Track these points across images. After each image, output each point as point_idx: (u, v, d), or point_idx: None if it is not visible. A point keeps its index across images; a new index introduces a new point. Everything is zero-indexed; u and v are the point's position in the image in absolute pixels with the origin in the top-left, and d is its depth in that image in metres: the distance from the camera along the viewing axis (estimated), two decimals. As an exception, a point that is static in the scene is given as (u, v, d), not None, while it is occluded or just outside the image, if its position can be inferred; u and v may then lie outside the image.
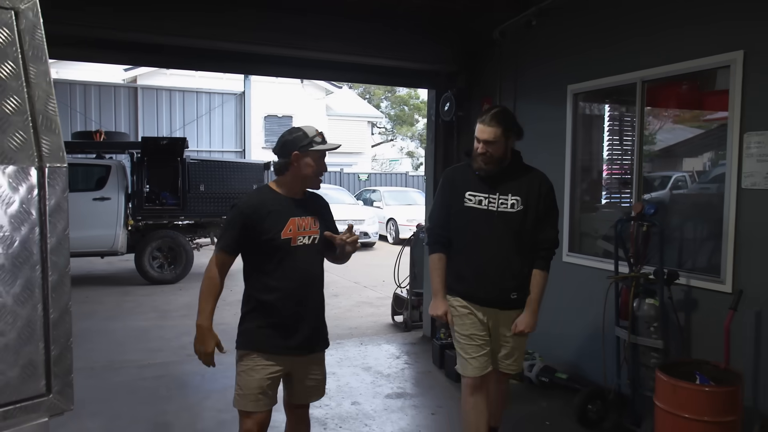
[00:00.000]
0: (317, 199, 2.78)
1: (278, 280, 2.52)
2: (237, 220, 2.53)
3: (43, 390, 1.45)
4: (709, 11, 3.57)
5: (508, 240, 2.93)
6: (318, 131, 2.61)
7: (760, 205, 3.32)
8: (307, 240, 2.58)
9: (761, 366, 3.33)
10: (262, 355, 2.54)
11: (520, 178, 2.98)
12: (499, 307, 3.00)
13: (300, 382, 2.67)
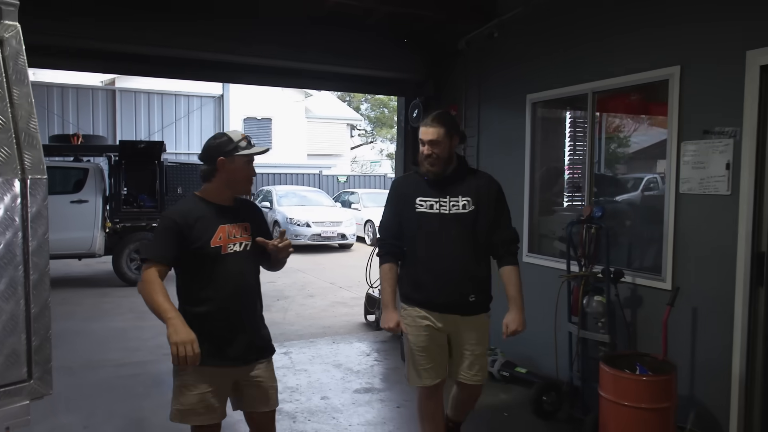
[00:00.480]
0: (248, 205, 2.72)
1: (210, 290, 2.43)
2: (166, 228, 2.44)
3: (25, 376, 1.63)
4: (651, 29, 3.85)
5: (464, 241, 2.91)
6: (244, 135, 2.55)
7: (695, 209, 3.60)
8: (238, 247, 2.50)
9: (697, 357, 3.61)
10: (199, 369, 2.38)
11: (468, 180, 2.99)
12: (459, 313, 2.94)
13: (247, 391, 2.56)
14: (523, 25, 4.93)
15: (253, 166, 2.57)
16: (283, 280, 9.89)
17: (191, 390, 2.42)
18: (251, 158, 2.54)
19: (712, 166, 3.47)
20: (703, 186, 3.53)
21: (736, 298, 3.35)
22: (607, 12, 4.18)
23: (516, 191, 5.01)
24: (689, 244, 3.64)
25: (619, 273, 3.86)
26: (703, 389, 3.58)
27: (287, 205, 15.08)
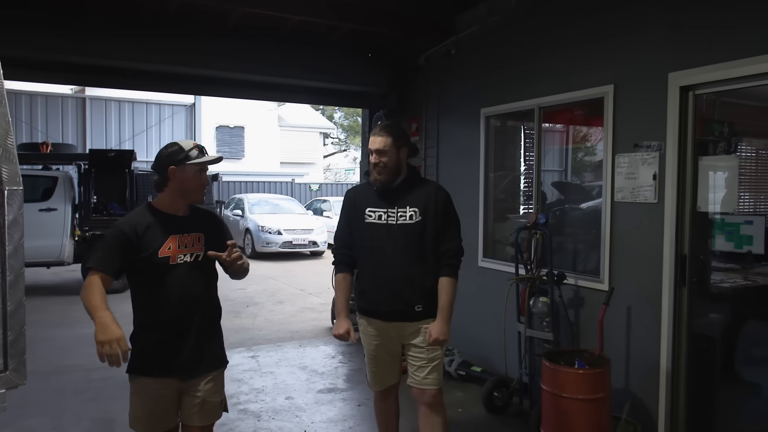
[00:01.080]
0: (205, 216, 2.69)
1: (157, 301, 2.44)
2: (114, 238, 2.43)
3: (1, 367, 1.82)
4: (589, 51, 4.18)
5: (410, 252, 2.95)
6: (195, 144, 2.54)
7: (628, 216, 3.92)
8: (188, 258, 2.49)
9: (631, 352, 3.92)
10: (147, 378, 2.44)
11: (416, 190, 3.03)
12: (405, 320, 3.00)
13: (190, 403, 2.54)
14: (477, 43, 5.24)
15: (205, 175, 2.56)
16: (254, 287, 10.04)
17: (139, 398, 2.45)
18: (203, 167, 2.53)
19: (641, 176, 3.79)
20: (634, 195, 3.85)
21: (663, 297, 3.67)
22: (550, 33, 4.51)
23: (471, 199, 5.30)
24: (623, 248, 3.96)
25: (562, 276, 4.16)
26: (637, 381, 3.89)
27: (259, 213, 15.20)
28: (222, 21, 5.26)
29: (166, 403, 2.49)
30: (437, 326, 2.94)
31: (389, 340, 3.07)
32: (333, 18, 5.04)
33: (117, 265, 2.40)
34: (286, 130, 24.20)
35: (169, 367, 2.45)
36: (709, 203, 3.57)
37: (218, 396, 2.64)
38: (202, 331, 2.54)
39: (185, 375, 2.50)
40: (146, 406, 2.45)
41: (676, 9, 3.58)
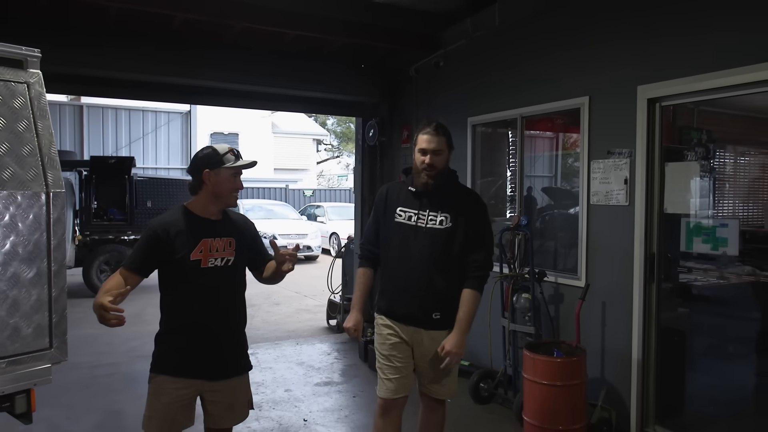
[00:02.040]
0: (239, 220, 2.70)
1: (188, 303, 2.45)
2: (148, 239, 2.44)
3: (47, 345, 2.11)
4: (566, 63, 4.50)
5: (434, 257, 2.83)
6: (230, 148, 2.55)
7: (602, 218, 4.24)
8: (219, 262, 2.48)
9: (606, 344, 4.23)
10: (170, 378, 2.43)
11: (452, 195, 2.92)
12: (421, 326, 2.89)
13: (214, 406, 2.55)
14: (464, 56, 5.57)
15: (239, 179, 2.56)
16: (250, 289, 10.06)
17: (157, 398, 2.43)
18: (238, 171, 2.53)
19: (614, 181, 4.12)
20: (608, 198, 4.18)
21: (634, 293, 3.99)
22: (530, 48, 4.84)
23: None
24: (598, 248, 4.28)
25: (543, 273, 4.47)
26: (611, 371, 4.19)
27: (254, 219, 15.22)
28: (221, 35, 5.56)
29: (184, 405, 2.46)
30: (452, 339, 2.80)
31: (404, 344, 2.92)
32: (327, 33, 5.36)
33: (145, 263, 2.41)
34: (280, 137, 24.50)
35: (194, 369, 2.44)
36: (674, 205, 3.90)
37: (245, 397, 2.65)
38: (228, 335, 2.55)
39: (210, 377, 2.49)
40: (163, 406, 2.43)
41: (643, 27, 3.92)
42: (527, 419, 3.94)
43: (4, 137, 2.04)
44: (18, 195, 2.03)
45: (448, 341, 2.80)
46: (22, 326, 2.02)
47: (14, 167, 2.04)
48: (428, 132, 2.86)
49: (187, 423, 2.50)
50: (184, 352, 2.45)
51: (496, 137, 5.76)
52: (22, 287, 2.02)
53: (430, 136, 2.85)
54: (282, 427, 4.25)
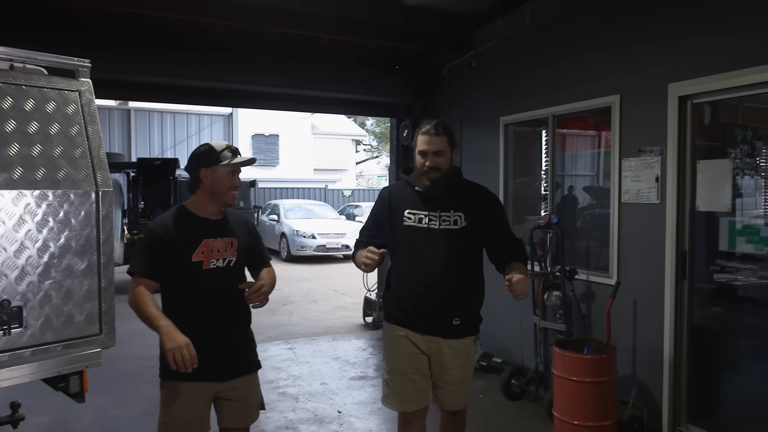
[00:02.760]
0: (239, 220, 2.64)
1: (189, 305, 2.42)
2: (148, 242, 2.43)
3: (97, 331, 2.30)
4: (597, 62, 4.51)
5: (453, 259, 2.67)
6: (227, 145, 2.48)
7: (633, 216, 4.23)
8: (221, 263, 2.45)
9: (637, 342, 4.22)
10: (180, 383, 2.39)
11: (461, 193, 2.76)
12: (441, 335, 2.72)
13: (227, 405, 2.55)
14: (496, 56, 5.61)
15: (237, 177, 2.48)
16: (289, 287, 10.56)
17: (171, 402, 2.42)
18: (235, 169, 2.46)
19: (645, 179, 4.11)
20: (639, 196, 4.16)
21: (665, 291, 3.97)
22: (561, 47, 4.85)
23: (492, 202, 5.65)
24: (629, 246, 4.27)
25: (573, 271, 4.49)
26: (643, 369, 4.18)
27: (294, 218, 15.76)
28: (258, 40, 5.77)
29: (199, 408, 2.45)
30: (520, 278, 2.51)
31: (418, 354, 2.74)
32: (360, 36, 5.49)
33: (158, 269, 2.41)
34: (319, 138, 24.84)
35: (203, 371, 2.37)
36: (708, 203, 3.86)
37: (255, 398, 2.63)
38: (234, 335, 2.53)
39: (218, 378, 2.47)
40: (177, 411, 2.41)
41: (673, 25, 3.90)
42: (557, 415, 3.98)
43: (58, 141, 2.24)
44: (71, 193, 2.22)
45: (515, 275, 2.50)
46: (75, 313, 2.22)
47: (68, 168, 2.23)
48: (428, 132, 2.66)
49: (206, 425, 2.48)
50: None
51: (529, 136, 5.77)
52: (75, 278, 2.22)
53: (430, 136, 2.65)
54: (317, 417, 4.40)
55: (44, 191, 2.17)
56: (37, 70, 2.31)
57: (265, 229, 16.25)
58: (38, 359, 2.14)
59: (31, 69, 2.29)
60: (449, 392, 2.79)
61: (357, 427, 4.25)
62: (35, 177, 2.15)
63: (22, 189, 2.12)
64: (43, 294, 2.14)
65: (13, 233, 2.08)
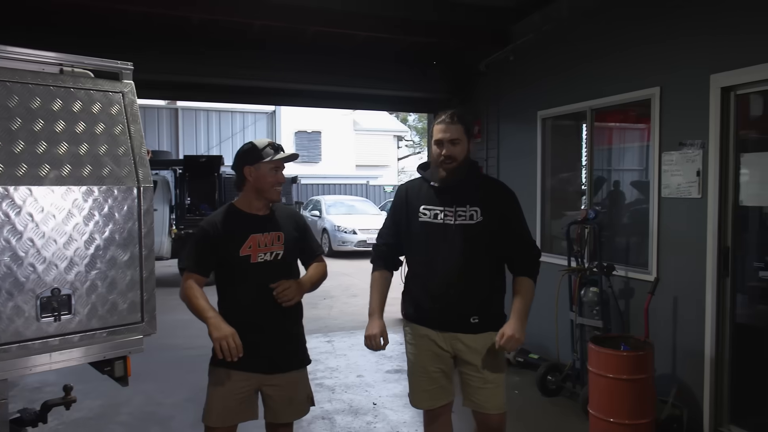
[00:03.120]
0: (286, 215, 2.68)
1: (237, 298, 2.51)
2: (198, 239, 2.53)
3: (139, 319, 2.43)
4: (636, 55, 4.41)
5: (467, 256, 2.60)
6: (270, 142, 2.54)
7: (673, 211, 4.13)
8: (269, 257, 2.51)
9: (677, 340, 4.13)
10: (227, 371, 2.46)
11: (478, 187, 2.69)
12: (459, 331, 2.65)
13: (272, 400, 2.57)
14: (533, 50, 5.56)
15: (281, 173, 2.54)
16: (330, 282, 10.53)
17: (217, 390, 2.50)
18: (278, 165, 2.52)
19: (686, 173, 4.00)
20: (679, 191, 4.07)
21: (707, 288, 3.87)
22: (599, 39, 4.77)
23: (529, 196, 5.61)
24: (669, 242, 4.17)
25: (611, 267, 4.42)
26: (683, 368, 4.09)
27: (335, 214, 15.95)
28: (295, 39, 5.88)
29: (243, 398, 2.50)
30: (512, 324, 2.54)
31: (440, 351, 2.68)
32: (396, 32, 5.53)
33: (207, 264, 2.52)
34: (361, 134, 25.00)
35: (250, 363, 2.44)
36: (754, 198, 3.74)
37: (305, 392, 2.67)
38: (283, 329, 2.57)
39: (264, 371, 2.52)
40: (223, 398, 2.48)
41: (715, 15, 3.78)
42: (592, 412, 3.94)
43: (103, 139, 2.38)
44: (115, 189, 2.36)
45: (507, 326, 2.53)
46: (119, 302, 2.35)
47: (112, 165, 2.37)
48: (443, 121, 2.62)
49: (247, 416, 2.54)
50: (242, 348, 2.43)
51: (568, 131, 5.69)
52: (119, 268, 2.35)
53: (445, 125, 2.61)
54: (352, 408, 4.49)
55: (90, 187, 2.30)
56: (84, 73, 2.45)
57: (307, 224, 16.52)
58: (85, 344, 2.28)
59: (78, 72, 2.43)
60: (480, 391, 2.65)
61: (391, 419, 4.31)
62: (82, 174, 2.29)
63: (70, 185, 2.26)
64: (90, 283, 2.28)
65: (62, 226, 2.23)
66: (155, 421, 4.26)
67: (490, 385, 2.65)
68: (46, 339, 2.18)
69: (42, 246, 2.17)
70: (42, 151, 2.21)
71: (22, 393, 4.65)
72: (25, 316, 2.13)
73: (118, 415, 4.34)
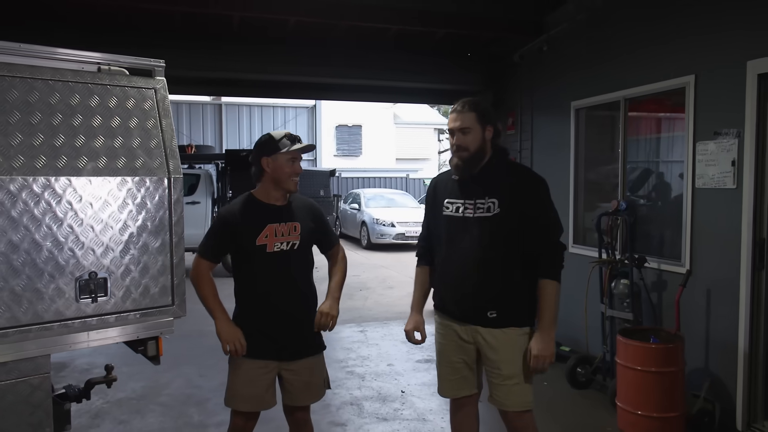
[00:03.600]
0: (305, 205, 2.76)
1: (255, 286, 2.61)
2: (217, 227, 2.68)
3: (170, 302, 2.57)
4: (670, 43, 4.32)
5: (484, 249, 2.54)
6: (287, 133, 2.60)
7: (708, 202, 4.04)
8: (285, 246, 2.59)
9: (711, 333, 4.05)
10: (245, 359, 2.58)
11: (501, 178, 2.60)
12: (479, 324, 2.60)
13: (290, 384, 2.67)
14: (567, 39, 5.49)
15: (298, 164, 2.61)
16: (367, 274, 10.85)
17: (237, 377, 2.62)
18: (295, 156, 2.58)
19: (720, 163, 3.91)
20: (714, 181, 3.97)
21: (741, 281, 3.78)
22: (634, 28, 4.68)
23: (563, 188, 5.57)
24: (703, 233, 4.09)
25: (642, 259, 4.35)
26: (716, 362, 4.01)
27: (374, 207, 16.06)
28: (328, 33, 5.99)
29: (263, 384, 2.60)
30: (536, 342, 2.50)
31: (463, 343, 2.67)
32: (428, 25, 5.56)
33: (218, 251, 2.67)
34: (401, 127, 25.03)
35: (267, 350, 2.56)
36: (790, 188, 3.63)
37: (321, 376, 2.75)
38: (298, 317, 2.64)
39: (281, 358, 2.62)
40: (244, 385, 2.58)
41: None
42: (620, 405, 3.92)
43: (137, 133, 2.53)
44: (147, 180, 2.50)
45: (533, 345, 2.50)
46: (150, 286, 2.50)
47: (144, 157, 2.51)
48: (455, 110, 2.58)
49: (271, 401, 2.65)
50: (256, 335, 2.58)
51: (602, 121, 5.61)
52: (151, 254, 2.50)
53: (456, 113, 2.57)
54: (381, 395, 4.59)
55: (124, 178, 2.45)
56: (120, 71, 2.60)
57: (346, 217, 16.70)
58: (120, 324, 2.44)
59: (115, 70, 2.59)
60: (499, 388, 2.60)
61: (418, 406, 4.38)
62: (117, 165, 2.44)
63: (106, 176, 2.42)
64: (124, 268, 2.43)
65: (99, 214, 2.39)
66: (193, 402, 4.46)
67: (509, 381, 2.57)
68: (85, 319, 2.35)
69: (80, 232, 2.34)
70: (80, 144, 2.37)
71: (71, 374, 4.94)
72: (65, 297, 2.30)
73: (159, 396, 4.57)
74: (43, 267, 2.24)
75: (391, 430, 3.98)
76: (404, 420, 4.14)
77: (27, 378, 2.23)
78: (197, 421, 4.13)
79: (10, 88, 2.25)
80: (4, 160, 2.18)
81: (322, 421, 4.04)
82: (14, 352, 2.19)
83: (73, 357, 5.29)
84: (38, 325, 2.24)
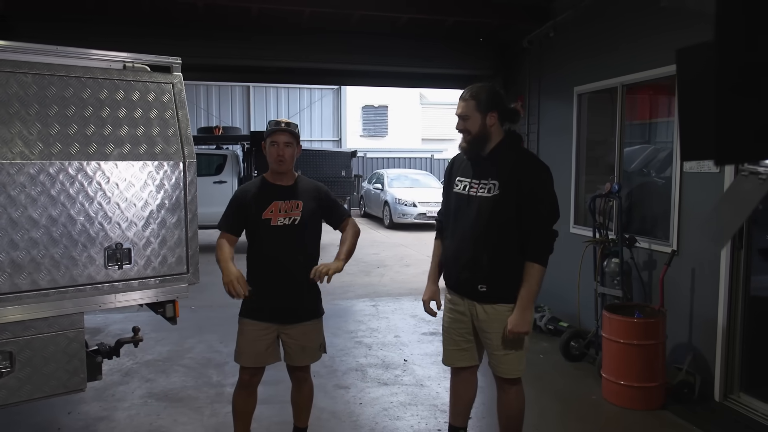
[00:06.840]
0: (310, 186, 3.07)
1: (260, 255, 2.94)
2: (232, 203, 3.01)
3: (185, 270, 2.96)
4: (668, 32, 4.48)
5: (480, 228, 2.73)
6: (274, 120, 2.96)
7: (695, 186, 4.24)
8: (287, 221, 2.91)
9: (694, 310, 4.28)
10: (250, 321, 2.94)
11: (505, 161, 2.75)
12: (473, 298, 2.81)
13: (288, 346, 2.99)
14: (573, 25, 5.66)
15: (281, 146, 2.89)
16: (386, 252, 11.20)
17: (242, 336, 2.96)
18: (274, 139, 2.90)
19: (706, 148, 4.09)
20: (699, 165, 4.17)
21: (721, 260, 3.99)
22: (634, 15, 4.83)
23: (564, 171, 5.79)
24: (690, 215, 4.29)
25: (632, 239, 4.58)
26: (698, 337, 4.24)
27: (397, 187, 16.34)
28: (344, 23, 6.27)
29: (265, 343, 2.93)
30: (513, 316, 2.71)
31: (462, 316, 2.89)
32: (439, 13, 5.79)
33: (238, 225, 2.98)
34: (427, 108, 25.09)
35: (267, 313, 2.90)
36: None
37: (317, 341, 3.06)
38: (297, 285, 2.93)
39: (281, 321, 2.94)
40: (247, 344, 2.93)
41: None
42: (605, 376, 4.19)
43: (156, 123, 2.89)
44: (165, 164, 2.87)
45: (510, 319, 2.70)
46: (168, 256, 2.89)
47: (163, 144, 2.88)
48: (461, 97, 2.81)
49: (271, 358, 2.98)
50: (259, 300, 2.89)
51: (604, 106, 5.78)
52: (168, 228, 2.88)
53: (460, 100, 2.80)
54: (384, 363, 4.95)
55: (146, 162, 2.83)
56: (143, 68, 2.96)
57: (370, 197, 17.04)
58: (142, 289, 2.84)
59: (138, 67, 2.95)
60: (493, 357, 2.83)
61: (417, 373, 4.74)
62: (139, 151, 2.82)
63: (130, 160, 2.79)
64: (145, 240, 2.82)
65: (123, 194, 2.77)
66: (213, 365, 4.90)
67: (499, 352, 2.79)
68: (112, 283, 2.75)
69: (108, 209, 2.73)
70: (108, 133, 2.75)
71: (105, 338, 5.43)
72: (95, 264, 2.70)
73: (182, 359, 5.02)
74: (77, 238, 2.64)
75: (390, 393, 4.34)
76: (403, 385, 4.50)
77: (64, 331, 2.65)
78: (215, 381, 4.56)
79: (49, 85, 2.63)
80: (45, 147, 2.57)
81: (328, 384, 4.43)
82: (54, 309, 2.60)
83: (107, 323, 5.80)
84: (74, 287, 2.65)
